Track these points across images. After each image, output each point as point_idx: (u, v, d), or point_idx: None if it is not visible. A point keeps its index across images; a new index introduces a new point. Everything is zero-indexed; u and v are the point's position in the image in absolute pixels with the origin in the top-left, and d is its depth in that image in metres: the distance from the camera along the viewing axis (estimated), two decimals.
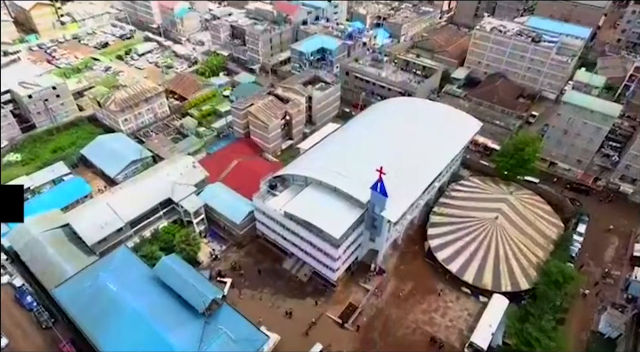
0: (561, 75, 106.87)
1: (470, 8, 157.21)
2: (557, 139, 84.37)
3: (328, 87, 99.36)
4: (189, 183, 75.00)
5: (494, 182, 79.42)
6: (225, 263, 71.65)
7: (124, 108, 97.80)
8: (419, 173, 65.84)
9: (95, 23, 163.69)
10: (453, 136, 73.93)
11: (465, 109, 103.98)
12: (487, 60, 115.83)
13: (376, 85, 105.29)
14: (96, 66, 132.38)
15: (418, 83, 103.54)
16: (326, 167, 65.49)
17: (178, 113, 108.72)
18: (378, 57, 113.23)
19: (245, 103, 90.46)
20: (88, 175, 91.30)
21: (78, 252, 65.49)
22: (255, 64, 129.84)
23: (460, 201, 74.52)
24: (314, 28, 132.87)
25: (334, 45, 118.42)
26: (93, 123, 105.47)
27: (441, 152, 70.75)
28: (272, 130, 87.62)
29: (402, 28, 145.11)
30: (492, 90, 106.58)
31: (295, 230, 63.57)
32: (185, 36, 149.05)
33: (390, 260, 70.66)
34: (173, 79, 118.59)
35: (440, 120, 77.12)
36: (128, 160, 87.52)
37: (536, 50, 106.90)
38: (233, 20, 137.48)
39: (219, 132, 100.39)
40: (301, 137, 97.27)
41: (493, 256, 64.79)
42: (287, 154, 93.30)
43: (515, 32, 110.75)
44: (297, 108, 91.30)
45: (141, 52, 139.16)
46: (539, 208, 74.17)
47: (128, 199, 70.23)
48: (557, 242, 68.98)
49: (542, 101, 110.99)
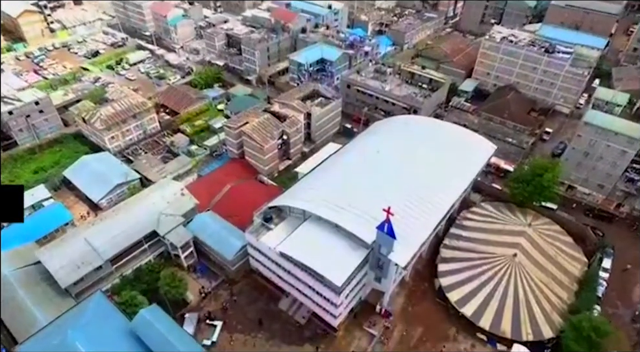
0: (576, 88, 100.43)
1: (476, 14, 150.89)
2: (577, 161, 77.90)
3: (328, 102, 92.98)
4: (177, 213, 68.63)
5: (509, 209, 72.98)
6: (216, 302, 65.22)
7: (110, 125, 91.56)
8: (430, 206, 59.35)
9: (87, 30, 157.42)
10: (466, 161, 67.53)
11: (474, 125, 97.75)
12: (497, 71, 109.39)
13: (380, 99, 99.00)
14: (85, 77, 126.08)
15: (425, 97, 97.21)
16: (327, 199, 59.02)
17: (169, 129, 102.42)
18: (381, 68, 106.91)
19: (239, 121, 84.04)
20: (71, 198, 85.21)
21: (52, 295, 59.20)
22: (251, 75, 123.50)
23: (473, 232, 68.06)
24: (313, 36, 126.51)
25: (335, 56, 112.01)
26: (79, 140, 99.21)
27: (453, 180, 64.34)
28: (268, 151, 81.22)
29: (406, 36, 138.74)
30: (503, 104, 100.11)
31: (292, 271, 57.17)
32: (179, 43, 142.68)
33: (397, 299, 64.18)
34: (164, 92, 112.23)
35: (450, 143, 70.68)
36: (113, 183, 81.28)
37: (549, 62, 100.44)
38: (229, 28, 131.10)
39: (212, 150, 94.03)
40: (299, 156, 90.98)
41: (512, 298, 58.31)
42: (284, 176, 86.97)
43: (527, 42, 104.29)
44: (295, 127, 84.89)
45: (132, 62, 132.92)
46: (559, 240, 67.71)
47: (109, 232, 63.85)
48: (582, 281, 62.52)
49: (556, 115, 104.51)
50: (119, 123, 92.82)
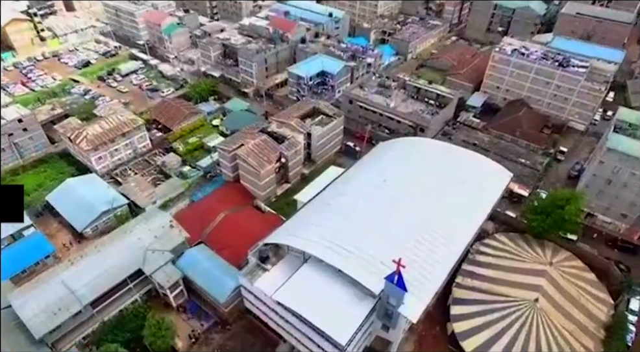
0: (591, 104, 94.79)
1: (483, 22, 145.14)
2: (598, 189, 72.28)
3: (329, 120, 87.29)
4: (165, 248, 62.95)
5: (527, 242, 67.28)
6: (207, 347, 59.60)
7: (97, 145, 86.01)
8: (444, 248, 53.78)
9: (78, 38, 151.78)
10: (480, 191, 61.94)
11: (485, 144, 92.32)
12: (507, 85, 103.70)
13: (384, 116, 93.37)
14: (74, 89, 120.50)
15: (432, 115, 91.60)
16: (329, 238, 53.38)
17: (161, 147, 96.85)
18: (385, 82, 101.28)
19: (233, 143, 78.39)
20: (54, 225, 79.71)
21: (26, 344, 53.61)
22: (249, 87, 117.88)
23: (489, 269, 62.38)
24: (313, 46, 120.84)
25: (336, 68, 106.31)
26: (66, 159, 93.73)
27: (468, 214, 58.78)
28: (265, 176, 75.56)
29: (410, 45, 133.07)
30: (515, 121, 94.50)
31: (290, 320, 51.57)
32: (173, 53, 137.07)
33: (405, 346, 58.51)
34: (157, 106, 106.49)
35: (463, 170, 65.01)
36: (98, 211, 75.70)
37: (564, 77, 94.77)
38: (225, 38, 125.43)
39: (206, 171, 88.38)
40: (299, 179, 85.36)
41: (534, 350, 52.67)
42: (282, 201, 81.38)
43: (540, 55, 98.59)
44: (294, 149, 79.23)
45: (124, 73, 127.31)
46: (582, 278, 62.05)
47: (90, 272, 58.27)
48: (609, 326, 56.90)
49: (570, 132, 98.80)
50: (106, 143, 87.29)
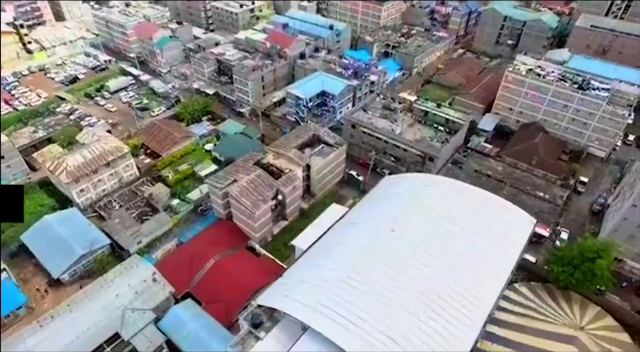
0: (614, 130, 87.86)
1: (491, 35, 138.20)
2: (628, 234, 65.43)
3: (330, 150, 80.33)
4: (147, 307, 55.97)
5: (550, 294, 60.46)
6: None
7: (78, 177, 79.16)
8: (464, 316, 46.74)
9: (67, 51, 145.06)
10: (503, 245, 54.70)
11: (498, 174, 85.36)
12: (521, 106, 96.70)
13: (389, 143, 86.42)
14: (60, 108, 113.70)
15: (442, 142, 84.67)
16: (331, 307, 46.45)
17: (149, 175, 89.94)
18: (390, 105, 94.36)
19: (225, 178, 71.37)
20: (29, 269, 72.91)
21: None
22: (244, 106, 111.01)
23: (512, 331, 55.45)
24: (313, 62, 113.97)
25: (337, 88, 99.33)
26: (46, 189, 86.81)
27: (490, 273, 51.64)
28: (260, 217, 68.57)
29: (415, 59, 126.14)
30: (531, 148, 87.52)
31: None
32: (165, 68, 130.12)
33: None
34: (146, 129, 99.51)
35: (483, 218, 57.79)
36: (77, 254, 68.91)
37: (583, 100, 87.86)
38: (220, 53, 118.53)
39: (197, 205, 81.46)
40: (297, 215, 78.46)
41: None
42: (279, 241, 74.46)
43: (557, 76, 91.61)
44: (292, 185, 72.28)
45: (113, 90, 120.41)
46: (615, 341, 55.15)
47: (59, 339, 51.28)
48: None
49: (589, 159, 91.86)
50: (88, 174, 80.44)
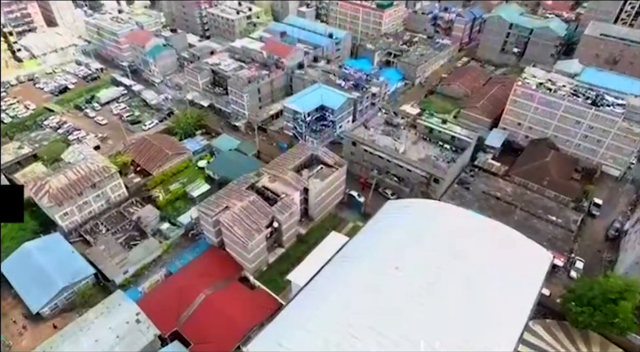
0: (629, 148, 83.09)
1: (497, 42, 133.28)
2: None
3: (330, 171, 75.62)
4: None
5: (567, 334, 55.98)
6: None
7: (62, 200, 74.49)
8: None
9: (58, 59, 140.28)
10: (519, 285, 50.09)
11: (508, 195, 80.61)
12: (530, 122, 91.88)
13: (392, 163, 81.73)
14: (47, 121, 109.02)
15: (448, 162, 79.99)
16: None
17: (138, 195, 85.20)
18: (393, 120, 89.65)
19: (217, 205, 66.60)
20: (8, 300, 68.23)
21: None
22: (240, 119, 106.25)
23: None
24: (312, 73, 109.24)
25: (337, 103, 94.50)
26: (29, 211, 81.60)
27: (505, 318, 46.95)
28: (254, 248, 63.81)
29: (418, 69, 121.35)
30: (542, 168, 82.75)
31: None
32: (159, 77, 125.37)
33: None
34: (136, 145, 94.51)
35: (496, 255, 53.07)
36: (58, 287, 64.33)
37: (597, 117, 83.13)
38: (215, 63, 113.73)
39: (188, 229, 76.78)
40: (295, 241, 73.76)
41: None
42: (275, 270, 69.69)
43: (569, 90, 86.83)
44: (289, 211, 67.51)
45: (104, 102, 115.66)
46: None
47: None
48: None
49: (603, 179, 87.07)
50: (73, 197, 75.76)
